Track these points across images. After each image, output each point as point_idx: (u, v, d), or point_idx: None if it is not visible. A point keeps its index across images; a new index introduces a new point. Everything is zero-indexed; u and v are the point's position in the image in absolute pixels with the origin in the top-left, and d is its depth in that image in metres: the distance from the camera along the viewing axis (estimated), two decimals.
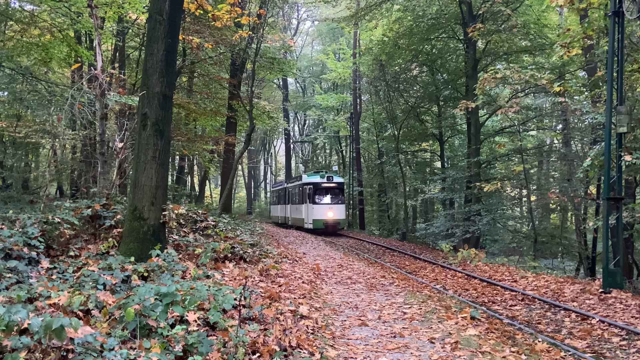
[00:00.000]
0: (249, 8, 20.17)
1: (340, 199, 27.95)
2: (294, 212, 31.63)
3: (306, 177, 28.97)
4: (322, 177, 27.93)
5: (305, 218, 28.29)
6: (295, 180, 31.90)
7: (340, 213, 27.51)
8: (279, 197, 37.32)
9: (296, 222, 30.61)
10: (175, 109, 17.04)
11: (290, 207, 32.71)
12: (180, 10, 8.88)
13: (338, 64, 36.19)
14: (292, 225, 32.01)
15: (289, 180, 35.52)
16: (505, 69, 15.97)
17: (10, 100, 20.26)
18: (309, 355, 4.97)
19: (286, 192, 34.14)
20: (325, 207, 27.35)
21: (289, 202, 33.22)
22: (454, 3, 21.41)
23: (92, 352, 3.86)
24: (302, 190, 28.90)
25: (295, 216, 30.96)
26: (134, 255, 7.36)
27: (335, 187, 27.96)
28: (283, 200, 35.24)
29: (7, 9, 16.36)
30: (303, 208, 28.68)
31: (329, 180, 27.83)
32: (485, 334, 6.66)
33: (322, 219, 26.86)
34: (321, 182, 27.64)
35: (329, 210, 27.11)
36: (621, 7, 9.83)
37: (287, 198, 33.75)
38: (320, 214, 27.03)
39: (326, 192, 27.75)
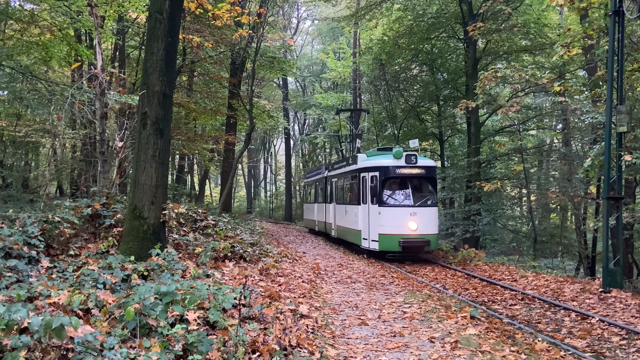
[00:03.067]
0: (249, 7, 20.17)
1: (430, 198, 15.55)
2: (341, 217, 19.23)
3: (365, 159, 17.08)
4: (396, 156, 15.41)
5: (363, 230, 16.07)
6: (344, 164, 19.44)
7: (429, 223, 15.14)
8: (316, 192, 25.23)
9: (346, 235, 18.32)
10: (175, 108, 17.04)
11: (335, 208, 20.44)
12: (181, 9, 8.88)
13: (338, 63, 36.18)
14: (339, 239, 19.76)
15: (333, 165, 22.57)
16: (506, 68, 15.95)
17: (10, 99, 20.25)
18: (309, 355, 4.97)
19: (328, 184, 22.18)
20: (403, 212, 15.08)
21: (331, 200, 21.34)
22: (454, 2, 21.40)
23: (92, 351, 3.86)
24: (357, 181, 16.79)
25: (345, 225, 18.50)
26: (134, 254, 7.36)
27: (422, 176, 15.65)
28: (322, 197, 23.29)
29: (7, 8, 16.35)
30: (359, 212, 16.42)
31: (411, 163, 15.38)
32: (485, 333, 6.67)
33: (398, 233, 14.77)
34: (396, 165, 15.43)
35: (410, 219, 14.86)
36: (621, 7, 9.83)
37: (328, 193, 21.88)
38: (394, 224, 14.95)
39: (405, 184, 15.59)
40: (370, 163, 16.20)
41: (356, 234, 16.69)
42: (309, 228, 28.11)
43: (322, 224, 23.16)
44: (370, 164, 16.11)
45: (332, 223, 20.93)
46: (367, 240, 15.85)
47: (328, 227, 21.80)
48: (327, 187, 22.31)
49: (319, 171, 25.75)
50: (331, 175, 21.55)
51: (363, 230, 16.04)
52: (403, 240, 14.64)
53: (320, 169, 25.79)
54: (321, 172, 24.63)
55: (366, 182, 15.95)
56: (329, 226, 21.69)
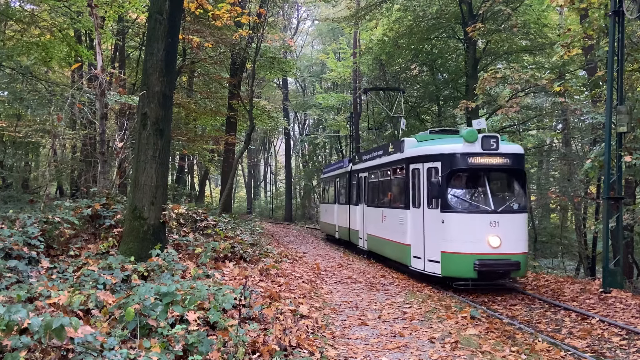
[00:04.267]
0: (249, 7, 20.17)
1: (518, 201, 10.77)
2: (375, 224, 14.54)
3: (415, 144, 12.22)
4: (469, 139, 10.50)
5: (414, 245, 11.51)
6: (380, 154, 14.63)
7: (518, 237, 10.41)
8: (337, 190, 20.63)
9: (383, 249, 13.82)
10: (175, 108, 17.04)
11: (365, 212, 15.82)
12: (181, 10, 8.88)
13: (338, 63, 36.17)
14: (371, 253, 15.20)
15: (360, 156, 17.74)
16: (506, 69, 15.94)
17: (10, 99, 20.26)
18: (309, 355, 4.97)
19: (353, 180, 17.68)
20: (479, 220, 10.40)
21: (358, 201, 16.76)
22: (454, 3, 21.39)
23: (92, 352, 3.86)
24: (405, 175, 12.12)
25: (382, 235, 13.83)
26: (134, 254, 7.37)
27: (507, 168, 10.81)
28: (344, 197, 18.81)
29: (7, 9, 16.36)
30: (407, 219, 11.81)
31: (490, 150, 10.57)
32: (485, 333, 6.67)
33: (472, 252, 10.12)
34: (468, 152, 10.56)
35: (490, 231, 10.14)
36: (621, 7, 9.83)
37: (355, 192, 17.25)
38: (467, 238, 10.30)
39: (481, 180, 10.80)
40: (425, 150, 11.16)
41: (402, 250, 11.73)
42: (327, 234, 23.01)
43: (345, 230, 18.41)
44: (426, 151, 11.10)
45: (359, 231, 16.22)
46: (420, 260, 10.98)
47: (354, 235, 16.95)
48: (351, 184, 17.85)
49: (340, 164, 20.69)
50: (358, 170, 16.79)
51: (414, 246, 11.25)
52: (480, 263, 9.69)
53: (342, 162, 20.81)
54: (343, 166, 19.74)
55: (419, 176, 11.14)
56: (355, 234, 16.77)
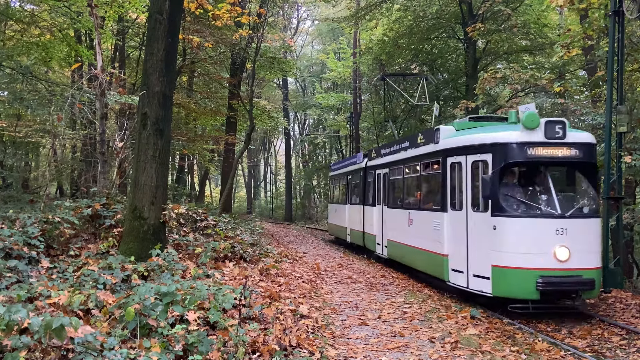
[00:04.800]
0: (249, 7, 20.17)
1: (590, 203, 8.52)
2: (399, 229, 12.49)
3: (453, 133, 9.81)
4: (529, 124, 8.18)
5: (453, 256, 9.25)
6: (407, 146, 12.35)
7: (590, 247, 8.11)
8: (349, 189, 18.64)
9: (411, 259, 11.64)
10: (175, 108, 17.04)
11: (385, 214, 13.68)
12: (181, 10, 8.89)
13: (338, 63, 36.18)
14: (393, 262, 13.16)
15: (378, 150, 15.32)
16: (505, 69, 15.98)
17: (11, 99, 20.25)
18: (309, 355, 4.97)
19: (369, 177, 15.67)
20: (542, 227, 8.05)
21: (375, 202, 14.73)
22: (454, 3, 21.39)
23: (92, 352, 3.86)
24: (440, 170, 9.88)
25: (408, 242, 11.67)
26: (134, 254, 7.37)
27: (576, 161, 8.47)
28: (359, 197, 16.84)
29: (7, 9, 16.36)
30: (443, 224, 9.55)
31: (556, 138, 8.20)
32: (485, 333, 6.67)
33: (533, 267, 7.84)
34: (528, 142, 8.19)
35: (556, 241, 7.86)
36: (621, 7, 9.83)
37: (372, 192, 15.24)
38: (526, 249, 7.98)
39: (543, 176, 8.50)
40: (470, 139, 8.91)
41: (435, 261, 9.59)
42: (336, 237, 20.91)
43: (359, 234, 16.20)
44: (471, 140, 8.85)
45: (377, 235, 14.09)
46: (461, 275, 8.83)
47: (369, 240, 14.90)
48: (367, 182, 15.70)
49: (353, 160, 18.58)
50: (376, 166, 14.62)
51: (453, 256, 9.09)
52: (544, 280, 7.67)
53: (355, 157, 18.54)
54: (356, 162, 17.60)
55: (461, 172, 9.00)
56: (371, 239, 14.73)
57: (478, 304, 8.76)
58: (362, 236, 16.00)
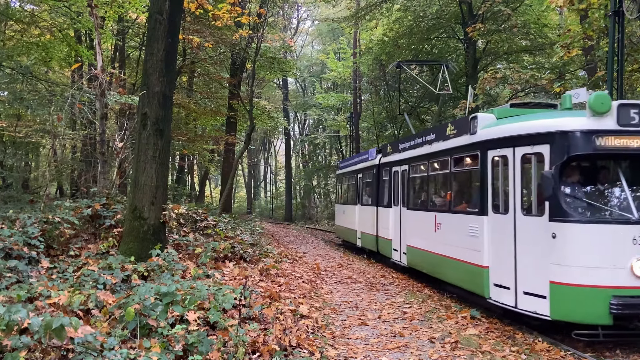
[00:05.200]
0: (249, 7, 20.18)
1: None
2: (422, 235, 10.61)
3: (494, 122, 8.10)
4: (598, 108, 6.47)
5: (495, 268, 7.54)
6: (432, 139, 10.43)
7: None
8: (359, 188, 16.99)
9: (440, 269, 9.60)
10: (175, 108, 17.05)
11: (404, 217, 12.05)
12: (181, 10, 8.89)
13: (338, 63, 36.19)
14: (412, 271, 11.46)
15: (396, 145, 13.46)
16: (505, 69, 15.97)
17: (11, 100, 20.25)
18: (309, 355, 4.97)
19: (384, 175, 14.14)
20: (615, 235, 6.34)
21: (392, 203, 13.09)
22: (454, 3, 21.40)
23: (92, 352, 3.87)
24: (478, 167, 8.12)
25: (435, 249, 9.77)
26: (134, 254, 7.37)
27: None
28: (371, 197, 15.25)
29: (7, 9, 16.37)
30: (483, 231, 7.81)
31: (632, 126, 6.45)
32: (485, 333, 6.67)
33: (604, 284, 6.23)
34: (597, 130, 6.49)
35: (634, 253, 6.19)
36: (621, 7, 9.83)
37: (387, 192, 13.64)
38: (595, 262, 6.31)
39: (616, 173, 6.82)
40: (518, 128, 7.46)
41: (472, 274, 8.12)
42: (344, 240, 19.51)
43: (371, 239, 14.61)
44: (522, 129, 7.39)
45: (393, 240, 12.54)
46: (508, 292, 7.27)
47: (384, 245, 13.31)
48: (381, 180, 14.12)
49: (364, 157, 16.98)
50: (392, 162, 13.02)
51: (496, 269, 7.54)
52: (619, 302, 6.24)
53: (366, 154, 16.82)
54: (368, 158, 15.99)
55: (507, 167, 7.56)
56: (385, 245, 13.12)
57: (530, 327, 7.13)
58: (375, 241, 14.19)
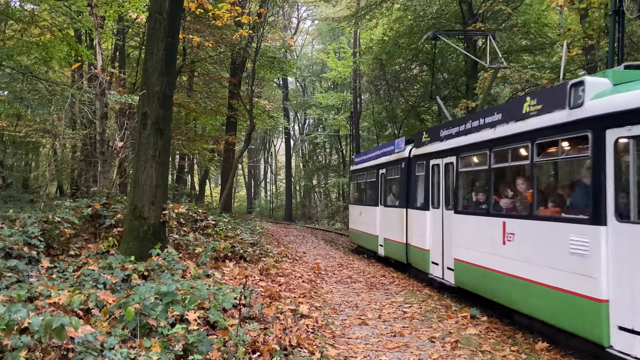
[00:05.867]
0: (249, 7, 20.18)
1: None
2: (484, 248, 7.88)
3: (611, 91, 5.45)
4: None
5: (619, 301, 5.00)
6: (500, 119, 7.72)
7: None
8: (381, 187, 14.43)
9: (511, 294, 7.05)
10: (175, 108, 17.05)
11: (447, 222, 9.54)
12: (181, 9, 8.89)
13: (338, 62, 36.19)
14: (464, 292, 8.82)
15: (435, 130, 10.76)
16: (506, 69, 15.96)
17: (11, 99, 20.27)
18: (309, 354, 4.97)
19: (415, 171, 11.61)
20: None
21: (429, 205, 10.49)
22: (454, 2, 21.40)
23: (92, 351, 3.87)
24: (595, 153, 5.45)
25: (510, 269, 7.03)
26: (134, 254, 7.37)
27: None
28: (398, 197, 12.96)
29: (7, 8, 16.37)
30: (598, 246, 5.29)
31: None
32: (485, 333, 6.67)
33: None
34: None
35: None
36: (621, 7, 9.83)
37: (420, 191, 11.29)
38: None
39: None
40: None
41: (582, 311, 5.61)
42: (359, 246, 17.06)
43: (398, 248, 12.16)
44: None
45: (431, 252, 10.08)
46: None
47: (417, 256, 10.83)
48: (412, 177, 11.59)
49: (387, 149, 13.88)
50: (429, 154, 10.48)
51: (623, 305, 5.05)
52: None
53: (390, 145, 13.78)
54: (394, 150, 13.15)
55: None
56: (419, 256, 10.67)
57: None
58: (405, 250, 11.66)
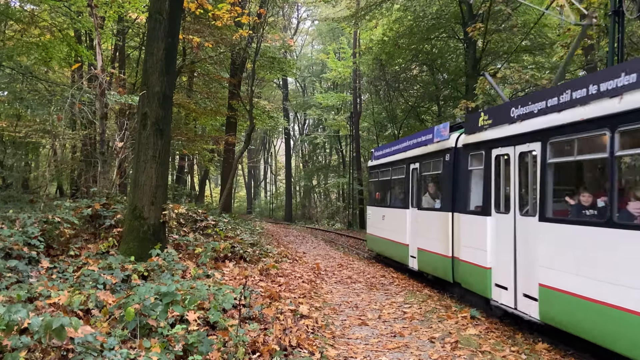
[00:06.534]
0: (249, 7, 20.17)
1: None
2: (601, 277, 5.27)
3: None
4: None
5: None
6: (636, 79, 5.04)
7: None
8: (413, 185, 11.68)
9: None
10: (175, 108, 17.05)
11: (527, 231, 6.79)
12: (181, 10, 8.89)
13: (338, 63, 36.22)
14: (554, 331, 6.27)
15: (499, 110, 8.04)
16: (505, 69, 15.96)
17: (11, 99, 20.27)
18: (309, 355, 4.97)
19: (472, 163, 8.76)
20: None
21: (490, 206, 7.89)
22: (454, 3, 21.41)
23: (92, 352, 3.86)
24: None
25: None
26: (134, 254, 7.37)
27: None
28: (443, 199, 9.96)
29: (7, 9, 16.37)
30: None
31: None
32: (485, 333, 6.67)
33: None
34: None
35: None
36: (621, 7, 9.83)
37: (472, 191, 8.75)
38: None
39: None
40: None
41: None
42: (379, 254, 14.63)
43: (441, 262, 9.60)
44: None
45: (494, 270, 7.71)
46: None
47: (475, 277, 8.27)
48: (461, 172, 9.23)
49: (425, 138, 11.16)
50: (492, 141, 8.04)
51: None
52: None
53: (429, 132, 10.99)
54: (433, 139, 10.54)
55: None
56: (479, 277, 8.09)
57: None
58: (450, 266, 9.17)
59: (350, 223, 34.69)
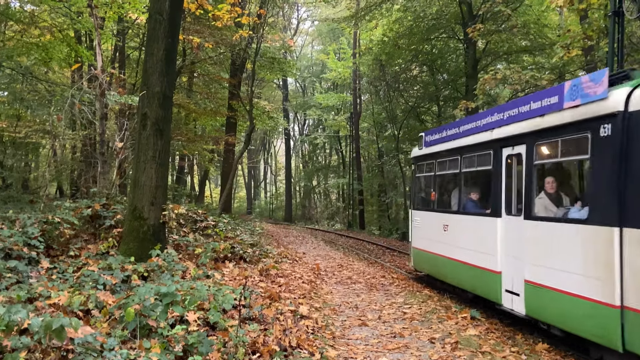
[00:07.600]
0: (249, 8, 20.18)
1: None
2: None
3: None
4: None
5: None
6: None
7: None
8: (531, 176, 6.66)
9: None
10: (175, 108, 17.05)
11: None
12: (181, 10, 8.89)
13: (338, 63, 36.23)
14: None
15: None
16: (505, 69, 15.94)
17: (11, 100, 20.28)
18: (309, 355, 4.97)
19: None
20: None
21: None
22: (454, 3, 21.41)
23: (92, 352, 3.86)
24: None
25: None
26: (134, 255, 7.37)
27: None
28: (604, 203, 5.33)
29: (7, 9, 16.37)
30: None
31: None
32: (485, 334, 6.67)
33: None
34: None
35: None
36: (621, 7, 9.83)
37: None
38: None
39: None
40: None
41: None
42: (435, 277, 10.28)
43: (592, 311, 5.34)
44: None
45: None
46: None
47: None
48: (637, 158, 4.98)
49: (539, 106, 6.59)
50: None
51: None
52: None
53: (550, 95, 6.40)
54: (564, 100, 6.07)
55: None
56: None
57: None
58: (619, 322, 5.03)
59: (350, 223, 34.71)
